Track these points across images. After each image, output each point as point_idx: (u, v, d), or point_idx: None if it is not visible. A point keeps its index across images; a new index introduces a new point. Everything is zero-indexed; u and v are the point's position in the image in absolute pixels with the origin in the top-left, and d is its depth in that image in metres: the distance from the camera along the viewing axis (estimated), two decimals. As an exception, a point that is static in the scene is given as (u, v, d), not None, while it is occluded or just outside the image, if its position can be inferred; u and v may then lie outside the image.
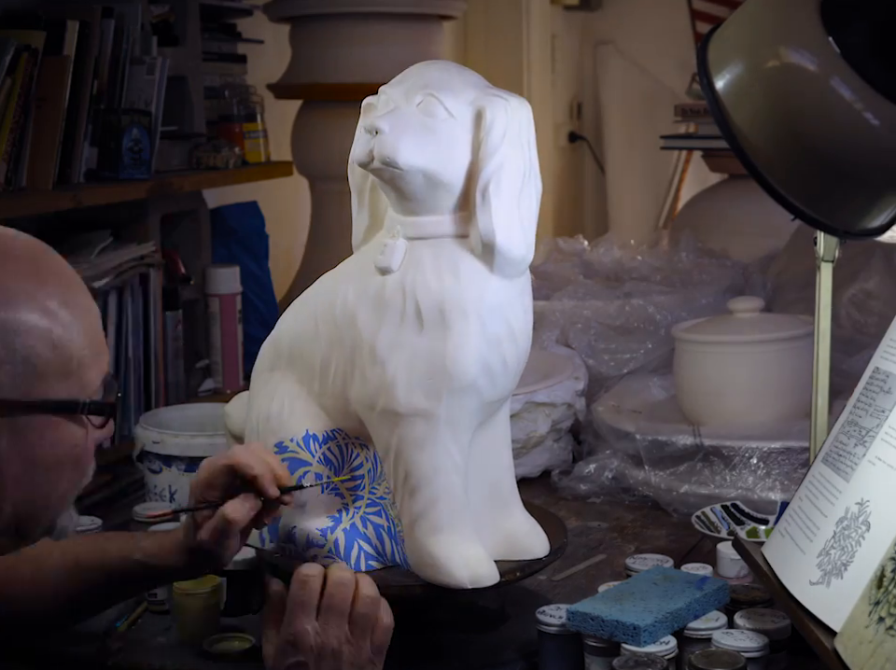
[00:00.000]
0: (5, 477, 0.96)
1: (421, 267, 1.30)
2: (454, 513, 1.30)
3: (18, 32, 2.15)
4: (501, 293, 1.31)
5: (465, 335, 1.28)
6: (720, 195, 3.74)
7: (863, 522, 1.17)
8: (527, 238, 1.31)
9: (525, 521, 1.40)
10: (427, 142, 1.28)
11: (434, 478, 1.30)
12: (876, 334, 1.41)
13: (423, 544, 1.31)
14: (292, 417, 1.38)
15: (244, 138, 2.78)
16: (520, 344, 1.33)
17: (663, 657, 1.26)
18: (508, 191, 1.28)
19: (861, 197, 1.31)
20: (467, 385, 1.29)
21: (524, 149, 1.30)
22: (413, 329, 1.29)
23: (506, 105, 1.29)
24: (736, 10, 1.34)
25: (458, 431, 1.30)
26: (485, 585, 1.30)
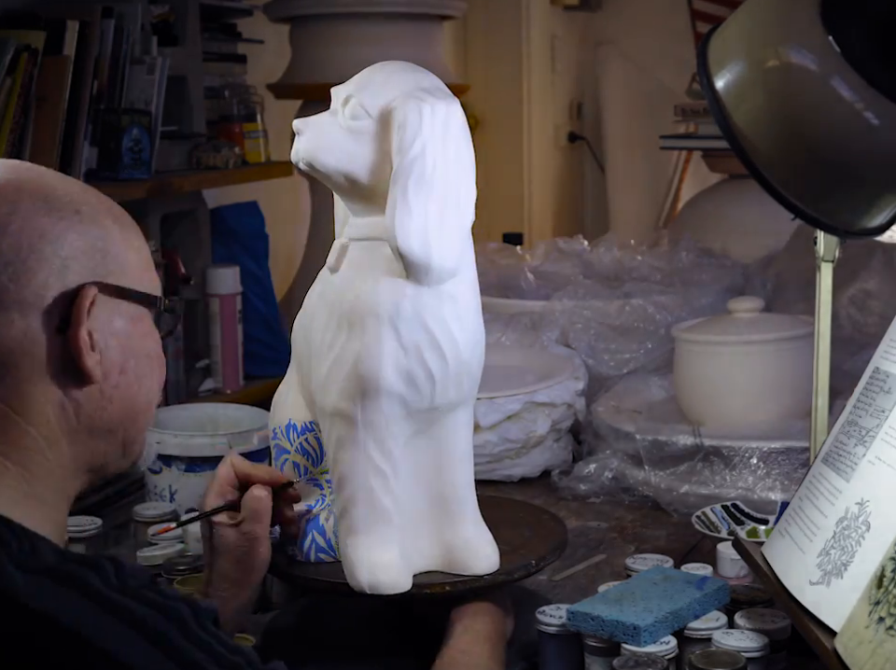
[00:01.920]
0: (111, 363, 0.99)
1: (353, 268, 1.31)
2: (369, 516, 1.30)
3: (18, 32, 2.15)
4: (417, 300, 1.27)
5: (377, 340, 1.27)
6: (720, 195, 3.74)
7: (863, 522, 1.17)
8: (441, 244, 1.25)
9: (471, 537, 1.35)
10: (342, 143, 1.28)
11: (352, 478, 1.30)
12: (876, 334, 1.41)
13: (342, 543, 1.32)
14: (284, 405, 1.43)
15: (244, 138, 2.78)
16: (449, 355, 1.29)
17: (663, 657, 1.26)
18: (416, 194, 1.24)
19: (860, 196, 1.31)
20: (381, 390, 1.28)
21: (441, 151, 1.25)
22: (342, 330, 1.30)
23: (420, 106, 1.25)
24: (736, 10, 1.34)
25: (381, 436, 1.29)
26: (383, 593, 1.29)
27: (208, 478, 1.76)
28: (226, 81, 2.93)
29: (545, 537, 1.43)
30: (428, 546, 1.34)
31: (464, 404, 1.35)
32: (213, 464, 1.76)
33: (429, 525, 1.34)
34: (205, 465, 1.77)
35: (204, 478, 1.77)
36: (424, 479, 1.33)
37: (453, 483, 1.35)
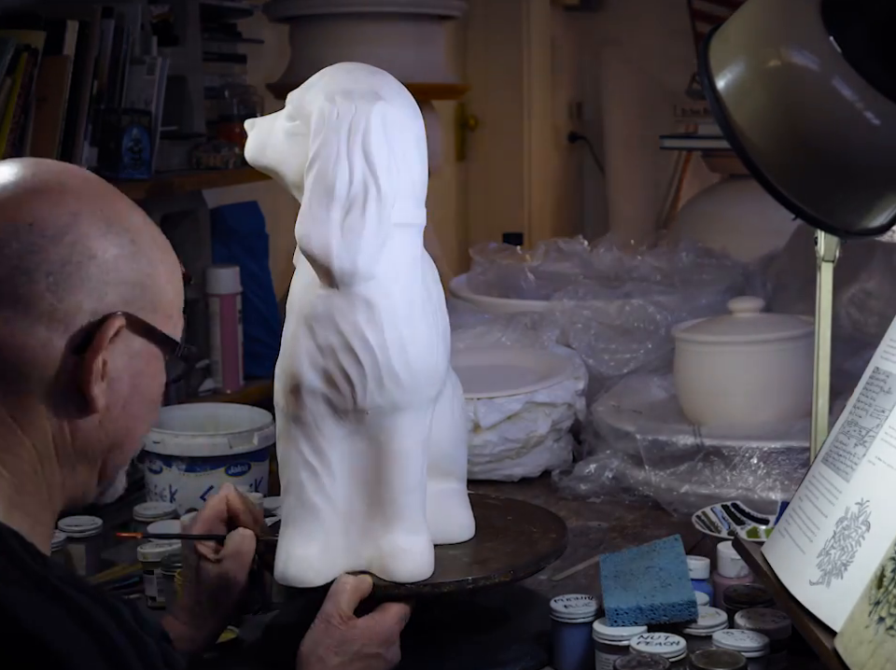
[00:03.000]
0: (116, 396, 0.98)
1: (299, 267, 1.33)
2: (297, 510, 1.32)
3: (18, 32, 2.15)
4: (330, 302, 1.26)
5: (296, 338, 1.29)
6: (720, 195, 3.75)
7: (863, 522, 1.17)
8: (340, 248, 1.23)
9: (399, 543, 1.32)
10: (278, 144, 1.31)
11: (284, 470, 1.33)
12: (876, 334, 1.41)
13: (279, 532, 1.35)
14: None
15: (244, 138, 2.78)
16: (364, 360, 1.27)
17: (667, 658, 1.26)
18: (316, 197, 1.23)
19: (861, 196, 1.31)
20: (304, 388, 1.29)
21: (346, 155, 1.23)
22: (286, 327, 1.33)
23: (325, 109, 1.25)
24: (737, 10, 1.34)
25: (310, 432, 1.30)
26: (290, 584, 1.31)
27: (208, 478, 1.77)
28: (226, 81, 2.93)
29: (545, 537, 1.43)
30: (362, 546, 1.33)
31: (403, 409, 1.30)
32: (213, 464, 1.77)
33: (365, 526, 1.33)
34: (205, 465, 1.77)
35: (204, 478, 1.77)
36: (362, 480, 1.33)
37: (389, 487, 1.32)
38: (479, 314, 2.35)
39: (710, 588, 1.46)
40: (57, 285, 0.93)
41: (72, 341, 0.94)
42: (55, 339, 0.94)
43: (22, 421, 0.95)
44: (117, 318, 0.95)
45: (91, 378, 0.95)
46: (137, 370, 0.99)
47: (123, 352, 0.97)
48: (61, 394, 0.96)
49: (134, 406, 1.00)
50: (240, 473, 1.79)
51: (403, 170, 1.26)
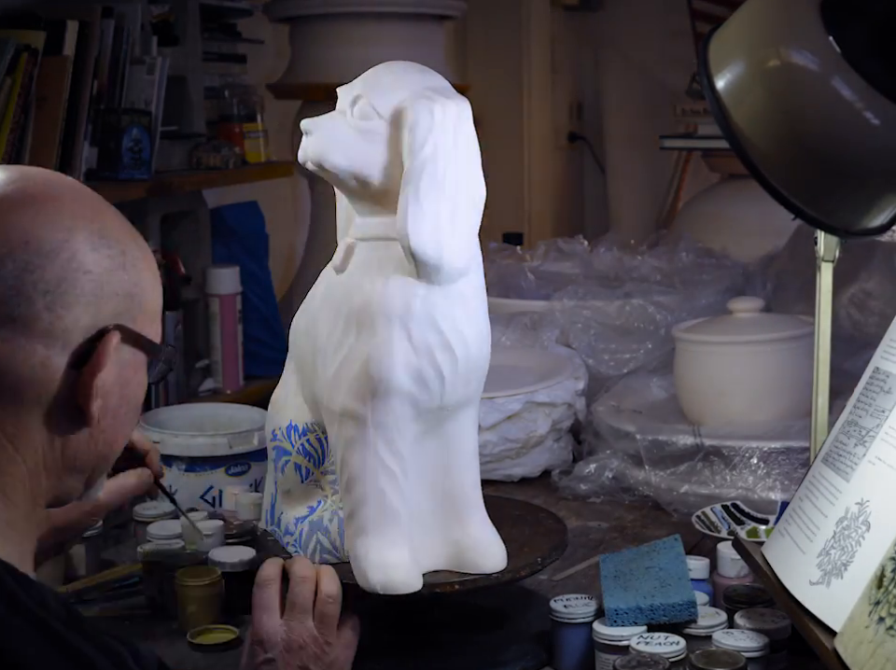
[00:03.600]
0: (107, 408, 0.97)
1: (360, 268, 1.31)
2: (380, 516, 1.30)
3: (18, 32, 2.15)
4: (429, 300, 1.27)
5: (388, 341, 1.27)
6: (720, 195, 3.75)
7: (863, 522, 1.17)
8: (453, 244, 1.25)
9: (480, 534, 1.35)
10: (353, 143, 1.28)
11: (362, 479, 1.30)
12: (876, 334, 1.41)
13: (350, 543, 1.32)
14: (283, 406, 1.42)
15: (244, 138, 2.78)
16: (459, 353, 1.29)
17: (666, 658, 1.26)
18: (428, 194, 1.24)
19: (861, 196, 1.31)
20: (393, 391, 1.28)
21: (454, 152, 1.26)
22: (350, 331, 1.30)
23: (430, 106, 1.25)
24: (737, 10, 1.34)
25: (391, 436, 1.29)
26: (397, 592, 1.29)
27: (208, 478, 1.77)
28: (226, 81, 2.93)
29: (545, 537, 1.44)
30: (436, 545, 1.34)
31: (471, 403, 1.35)
32: (213, 464, 1.77)
33: (437, 525, 1.34)
34: (205, 465, 1.77)
35: (204, 478, 1.77)
36: (432, 478, 1.33)
37: (460, 483, 1.35)
38: (479, 315, 2.34)
39: (710, 588, 1.46)
40: (54, 302, 0.92)
41: (71, 357, 0.94)
42: (54, 356, 0.93)
43: (16, 438, 0.94)
44: (113, 333, 0.95)
45: (92, 394, 0.94)
46: (126, 380, 0.99)
47: (115, 364, 0.96)
48: (57, 410, 0.95)
49: (122, 415, 1.00)
50: (240, 473, 1.79)
51: None
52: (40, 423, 0.95)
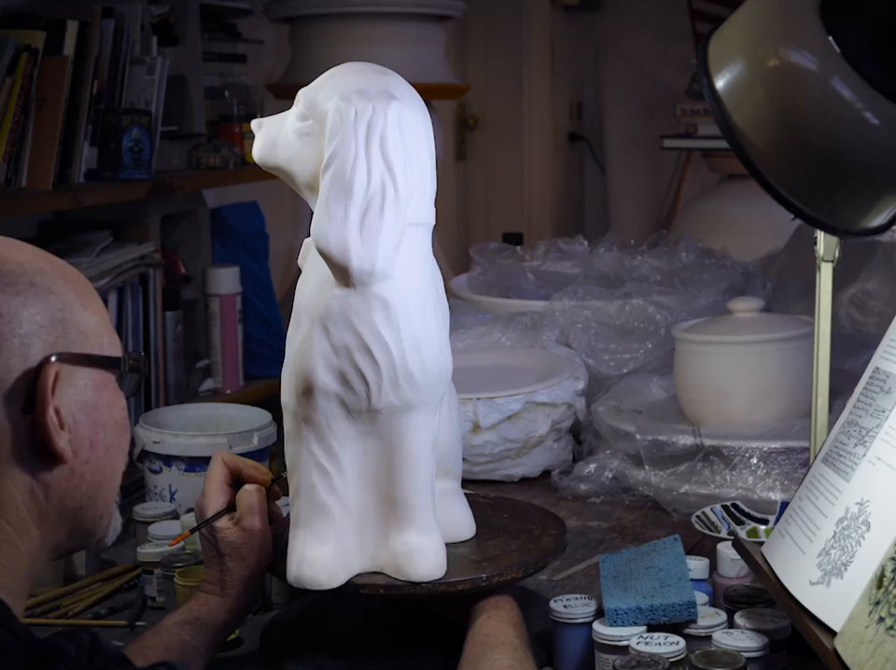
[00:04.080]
0: (80, 439, 0.96)
1: (308, 267, 1.33)
2: (309, 510, 1.31)
3: (18, 32, 2.15)
4: (346, 302, 1.26)
5: (310, 339, 1.28)
6: (720, 195, 3.75)
7: (863, 522, 1.17)
8: (358, 247, 1.23)
9: (413, 544, 1.33)
10: (289, 144, 1.31)
11: (296, 472, 1.33)
12: (876, 334, 1.41)
13: (289, 534, 1.34)
14: None
15: (244, 138, 2.78)
16: (380, 359, 1.27)
17: (666, 658, 1.26)
18: (336, 196, 1.23)
19: (861, 196, 1.31)
20: (318, 388, 1.28)
21: (364, 154, 1.24)
22: (294, 328, 1.33)
23: (343, 108, 1.26)
24: (736, 10, 1.34)
25: (323, 433, 1.30)
26: (306, 588, 1.31)
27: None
28: (226, 81, 2.93)
29: (545, 535, 1.44)
30: (374, 547, 1.33)
31: (416, 409, 1.31)
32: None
33: (377, 527, 1.33)
34: (205, 465, 1.76)
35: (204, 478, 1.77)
36: (373, 480, 1.33)
37: (401, 487, 1.32)
38: (479, 314, 2.35)
39: (710, 588, 1.46)
40: None
41: (15, 404, 0.92)
42: None
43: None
44: (51, 365, 0.93)
45: (51, 433, 0.93)
46: (91, 404, 0.97)
47: (72, 393, 0.95)
48: (23, 460, 0.93)
49: (102, 439, 0.98)
50: (240, 473, 1.78)
51: (416, 169, 1.27)
52: (11, 477, 0.93)
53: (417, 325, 1.29)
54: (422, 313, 1.29)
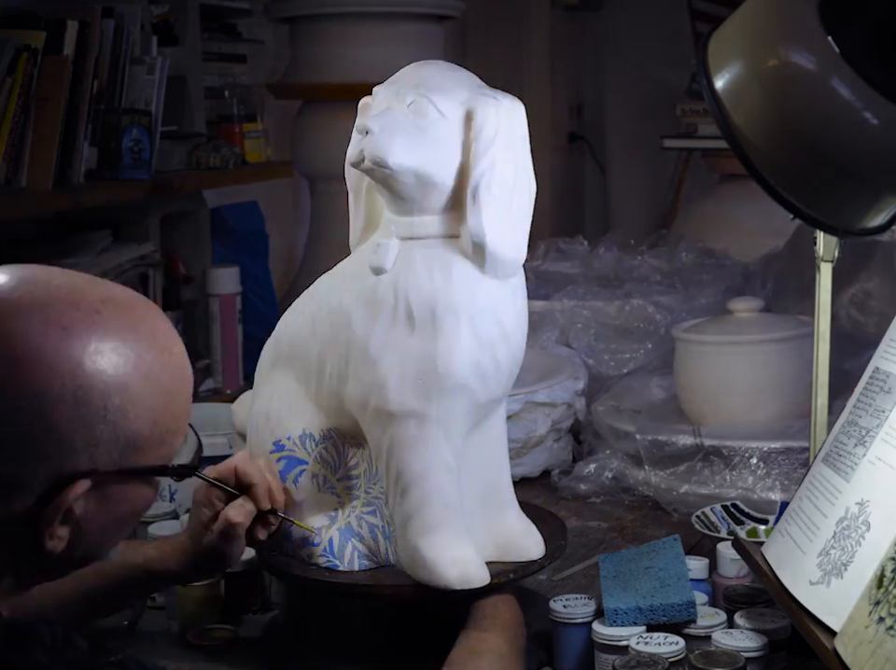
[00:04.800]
0: (85, 533, 0.95)
1: (413, 267, 1.30)
2: (444, 514, 1.30)
3: (18, 32, 2.15)
4: (492, 294, 1.29)
5: (455, 336, 1.28)
6: (720, 195, 3.75)
7: (863, 522, 1.17)
8: (518, 239, 1.29)
9: (521, 523, 1.39)
10: (417, 142, 1.28)
11: (425, 478, 1.29)
12: (876, 334, 1.41)
13: (414, 544, 1.30)
14: (290, 415, 1.38)
15: (244, 138, 2.78)
16: (513, 346, 1.32)
17: (666, 658, 1.26)
18: (498, 192, 1.27)
19: (860, 196, 1.31)
20: (458, 386, 1.28)
21: (516, 150, 1.29)
22: (405, 330, 1.29)
23: (497, 105, 1.29)
24: (736, 10, 1.34)
25: (450, 432, 1.30)
26: (475, 586, 1.30)
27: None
28: (226, 81, 2.93)
29: (545, 537, 1.43)
30: (481, 537, 1.35)
31: (505, 396, 1.38)
32: (213, 464, 1.76)
33: (481, 517, 1.35)
34: (205, 465, 1.76)
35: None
36: (473, 473, 1.34)
37: (499, 474, 1.38)
38: (479, 314, 2.34)
39: (709, 588, 1.46)
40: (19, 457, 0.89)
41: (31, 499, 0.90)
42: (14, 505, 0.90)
43: None
44: (81, 483, 0.91)
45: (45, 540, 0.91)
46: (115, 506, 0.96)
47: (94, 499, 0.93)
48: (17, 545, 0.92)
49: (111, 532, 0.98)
50: (240, 473, 1.78)
51: None
52: None
53: (527, 311, 1.35)
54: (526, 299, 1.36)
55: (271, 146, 2.91)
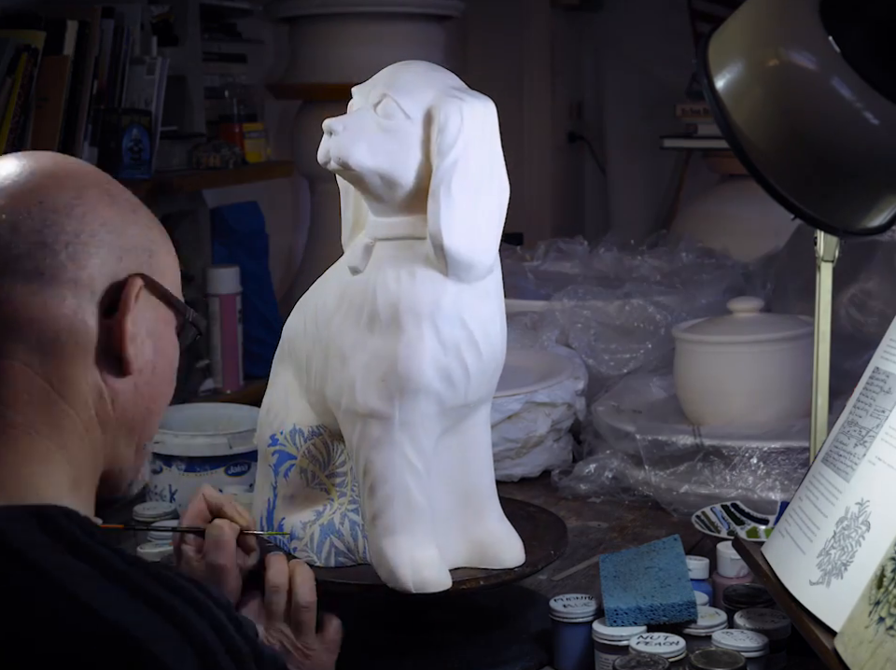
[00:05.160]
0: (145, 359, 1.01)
1: (382, 268, 1.30)
2: (407, 516, 1.29)
3: (18, 32, 2.15)
4: (458, 297, 1.28)
5: (417, 338, 1.27)
6: (720, 195, 3.75)
7: (863, 522, 1.17)
8: (483, 241, 1.27)
9: (499, 530, 1.37)
10: (380, 143, 1.27)
11: (388, 479, 1.29)
12: (876, 334, 1.41)
13: (376, 544, 1.31)
14: (284, 410, 1.41)
15: (244, 138, 2.78)
16: (484, 350, 1.30)
17: (666, 658, 1.26)
18: (460, 193, 1.25)
19: (860, 196, 1.31)
20: (420, 389, 1.28)
21: (483, 150, 1.27)
22: (372, 330, 1.29)
23: (461, 105, 1.26)
24: (736, 10, 1.34)
25: (416, 434, 1.29)
26: (430, 591, 1.29)
27: (208, 478, 1.77)
28: (226, 81, 2.93)
29: (545, 537, 1.44)
30: (457, 542, 1.34)
31: (487, 399, 1.36)
32: (213, 464, 1.77)
33: (457, 522, 1.35)
34: (205, 465, 1.77)
35: (204, 478, 1.77)
36: (450, 476, 1.34)
37: (479, 479, 1.36)
38: (479, 314, 2.34)
39: (710, 588, 1.46)
40: (76, 254, 0.97)
41: (101, 304, 0.98)
42: (84, 304, 0.97)
43: (63, 390, 0.97)
44: (136, 279, 0.99)
45: (126, 338, 0.98)
46: (158, 334, 1.02)
47: (144, 316, 1.00)
48: (98, 360, 0.98)
49: (161, 369, 1.03)
50: (240, 473, 1.79)
51: None
52: (86, 374, 0.98)
53: (503, 315, 1.34)
54: (503, 303, 1.34)
55: (271, 146, 2.92)
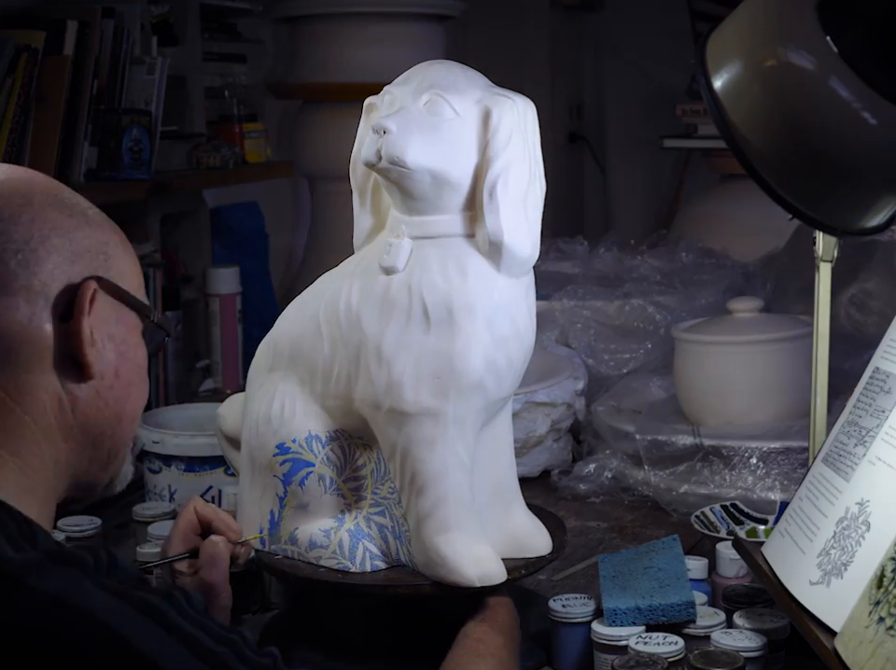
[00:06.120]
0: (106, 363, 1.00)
1: (427, 266, 1.30)
2: (461, 512, 1.30)
3: (18, 32, 2.15)
4: (507, 292, 1.30)
5: (472, 334, 1.28)
6: (720, 195, 3.75)
7: (863, 522, 1.17)
8: (533, 237, 1.31)
9: (528, 519, 1.40)
10: (433, 141, 1.28)
11: (442, 477, 1.30)
12: (876, 334, 1.41)
13: (431, 543, 1.30)
14: (294, 418, 1.37)
15: (244, 138, 2.78)
16: (525, 343, 1.34)
17: (665, 658, 1.26)
18: (514, 191, 1.28)
19: (859, 196, 1.31)
20: (474, 384, 1.29)
21: (529, 149, 1.30)
22: (420, 329, 1.29)
23: (513, 105, 1.29)
24: (735, 10, 1.34)
25: (465, 430, 1.30)
26: (494, 583, 1.30)
27: (208, 478, 1.77)
28: (226, 81, 2.93)
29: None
30: (493, 533, 1.35)
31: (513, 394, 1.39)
32: (212, 464, 1.77)
33: (491, 514, 1.36)
34: (205, 465, 1.77)
35: (204, 478, 1.77)
36: (483, 469, 1.35)
37: (507, 471, 1.39)
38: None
39: (709, 588, 1.46)
40: (27, 260, 0.96)
41: (55, 310, 0.97)
42: (38, 311, 0.96)
43: (19, 399, 0.97)
44: (90, 282, 0.98)
45: (84, 342, 0.97)
46: (120, 338, 1.02)
47: (104, 319, 1.00)
48: (55, 366, 0.98)
49: (125, 372, 1.02)
50: (239, 473, 1.79)
51: None
52: (43, 380, 0.97)
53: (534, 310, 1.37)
54: None
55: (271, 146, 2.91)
